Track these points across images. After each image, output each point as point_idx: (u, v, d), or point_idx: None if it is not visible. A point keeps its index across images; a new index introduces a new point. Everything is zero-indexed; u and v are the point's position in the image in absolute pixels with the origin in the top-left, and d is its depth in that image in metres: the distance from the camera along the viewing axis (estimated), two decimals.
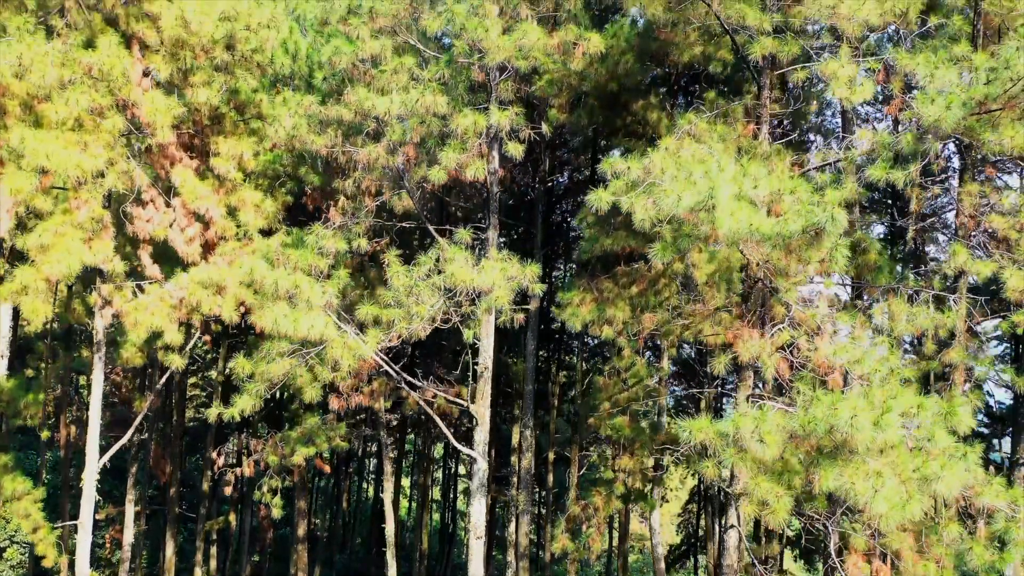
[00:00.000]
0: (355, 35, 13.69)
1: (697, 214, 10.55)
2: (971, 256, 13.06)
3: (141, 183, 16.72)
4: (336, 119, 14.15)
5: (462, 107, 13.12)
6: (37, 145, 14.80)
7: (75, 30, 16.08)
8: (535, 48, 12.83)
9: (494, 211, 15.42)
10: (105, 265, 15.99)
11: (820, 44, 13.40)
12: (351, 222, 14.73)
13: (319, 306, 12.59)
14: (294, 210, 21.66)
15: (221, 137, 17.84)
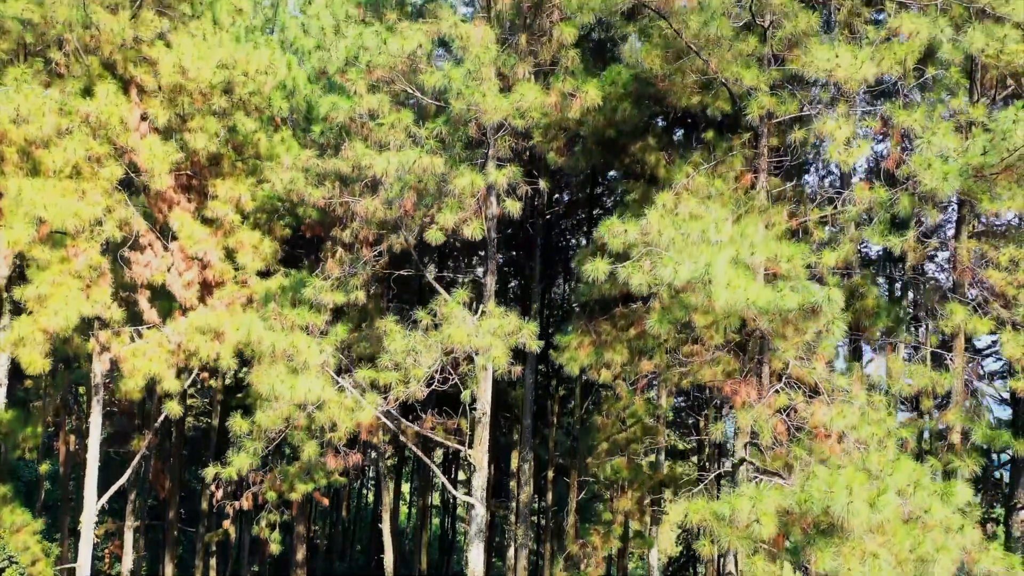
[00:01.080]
0: (352, 90, 13.66)
1: (694, 286, 10.54)
2: (969, 314, 13.06)
3: (139, 228, 16.71)
4: (334, 171, 14.14)
5: (459, 164, 13.10)
6: (35, 195, 14.79)
7: (73, 77, 16.05)
8: (532, 108, 12.82)
9: (492, 256, 15.42)
10: (103, 313, 15.99)
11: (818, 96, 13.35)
12: (349, 272, 14.72)
13: (316, 366, 12.59)
14: (293, 241, 21.67)
15: (219, 179, 17.84)
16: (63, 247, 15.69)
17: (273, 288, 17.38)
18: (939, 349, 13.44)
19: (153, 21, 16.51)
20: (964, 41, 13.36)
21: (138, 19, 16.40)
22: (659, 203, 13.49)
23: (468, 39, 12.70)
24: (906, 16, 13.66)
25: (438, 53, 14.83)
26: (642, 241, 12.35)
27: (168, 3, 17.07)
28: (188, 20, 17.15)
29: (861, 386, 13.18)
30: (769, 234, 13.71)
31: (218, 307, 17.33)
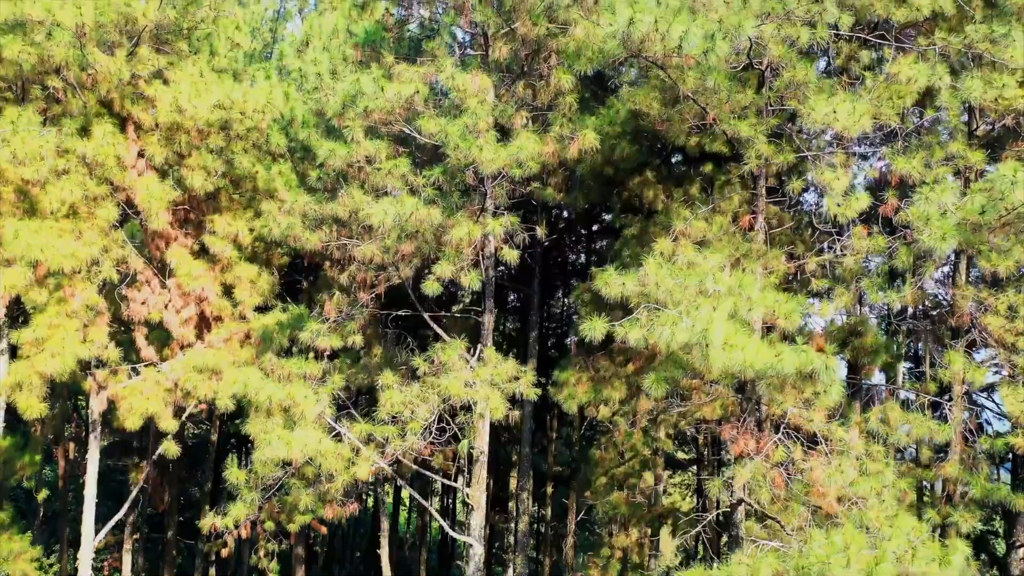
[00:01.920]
0: (350, 136, 13.62)
1: (691, 349, 10.52)
2: (968, 362, 13.03)
3: (136, 267, 16.68)
4: (331, 216, 14.11)
5: (456, 212, 13.07)
6: (31, 239, 14.75)
7: (70, 117, 16.01)
8: (530, 158, 12.80)
9: (490, 295, 15.39)
10: (100, 353, 15.97)
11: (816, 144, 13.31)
12: (347, 314, 14.70)
13: (313, 416, 12.57)
14: (292, 267, 21.64)
15: (217, 214, 17.80)
16: (60, 288, 15.66)
17: (271, 325, 17.33)
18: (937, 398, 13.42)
19: (150, 59, 16.48)
20: (963, 89, 13.33)
21: (135, 57, 16.36)
22: (657, 250, 13.45)
23: (465, 91, 12.67)
24: (904, 61, 13.62)
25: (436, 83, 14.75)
26: (640, 293, 12.32)
27: (165, 39, 17.04)
28: (185, 56, 17.11)
29: (859, 434, 13.17)
30: (767, 283, 13.70)
31: (216, 343, 17.30)
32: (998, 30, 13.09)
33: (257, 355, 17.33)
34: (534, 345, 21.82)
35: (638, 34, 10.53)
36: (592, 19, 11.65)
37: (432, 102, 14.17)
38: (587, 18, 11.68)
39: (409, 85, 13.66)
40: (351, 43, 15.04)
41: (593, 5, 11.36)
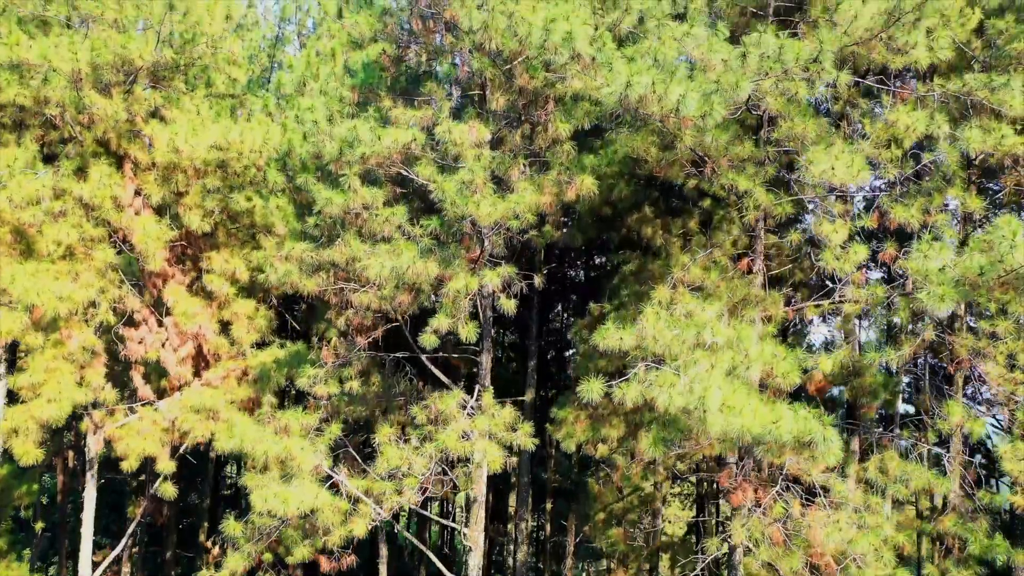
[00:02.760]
0: (347, 184, 13.58)
1: (689, 412, 10.49)
2: (967, 412, 13.00)
3: (133, 306, 16.64)
4: (328, 262, 14.07)
5: (453, 262, 13.03)
6: (27, 283, 14.71)
7: (67, 158, 15.97)
8: (527, 209, 12.76)
9: (488, 335, 15.34)
10: (97, 395, 15.93)
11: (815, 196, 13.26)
12: (345, 358, 14.66)
13: (310, 469, 12.54)
14: (290, 298, 21.58)
15: (214, 251, 17.76)
16: (56, 330, 15.62)
17: (268, 362, 17.29)
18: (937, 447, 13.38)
19: (147, 99, 16.45)
20: (961, 139, 13.30)
21: (132, 96, 16.32)
22: (655, 298, 13.42)
23: (462, 144, 12.63)
24: (902, 108, 13.60)
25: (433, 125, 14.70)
26: (637, 346, 12.30)
27: (162, 75, 16.99)
28: (182, 93, 17.07)
29: (857, 483, 13.13)
30: (766, 331, 13.66)
31: (214, 381, 17.26)
32: (997, 80, 13.06)
33: (255, 394, 17.31)
34: (532, 374, 21.79)
35: (635, 96, 10.49)
36: (590, 74, 11.60)
37: (430, 145, 14.12)
38: (585, 73, 11.63)
39: (406, 132, 13.62)
40: (348, 85, 14.98)
41: (590, 62, 11.29)
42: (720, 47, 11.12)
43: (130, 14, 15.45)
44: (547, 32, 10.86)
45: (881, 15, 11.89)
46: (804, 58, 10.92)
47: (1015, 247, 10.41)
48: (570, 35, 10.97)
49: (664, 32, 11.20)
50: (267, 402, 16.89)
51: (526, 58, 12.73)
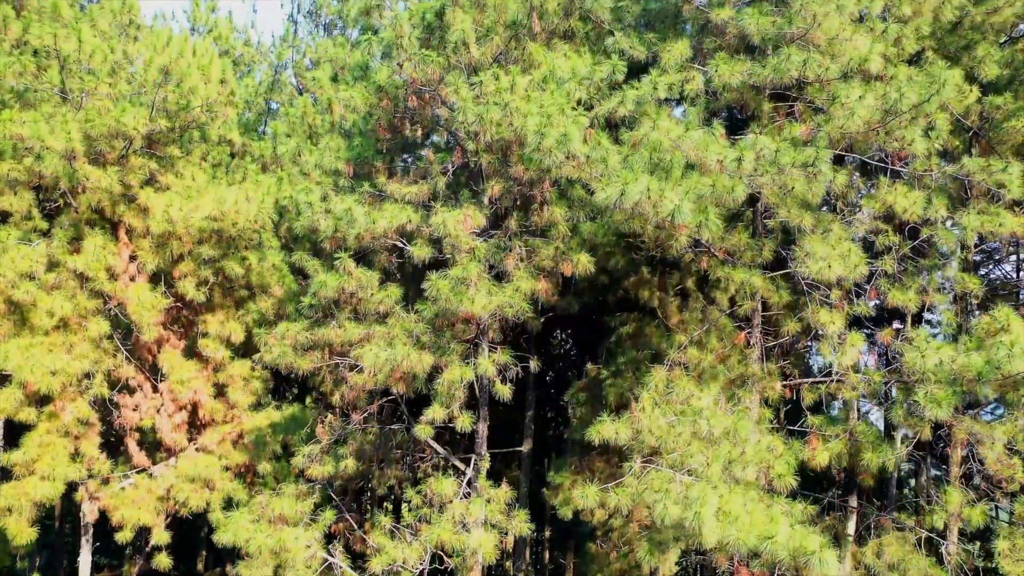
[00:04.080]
0: (341, 267, 13.51)
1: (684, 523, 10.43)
2: (965, 499, 12.93)
3: (127, 374, 16.56)
4: (324, 342, 14.00)
5: (449, 349, 12.96)
6: (21, 360, 14.63)
7: (61, 229, 15.89)
8: (523, 299, 12.70)
9: (484, 403, 15.26)
10: (92, 466, 15.86)
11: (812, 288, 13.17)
12: (341, 435, 14.59)
13: (303, 561, 12.48)
14: None
15: (209, 314, 17.68)
16: (51, 402, 15.54)
17: (264, 427, 17.23)
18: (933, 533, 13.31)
19: (142, 167, 16.37)
20: (960, 221, 13.23)
21: (126, 165, 16.24)
22: (651, 382, 13.34)
23: (458, 237, 12.55)
24: (900, 190, 13.52)
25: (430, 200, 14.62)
26: (634, 440, 12.24)
27: (157, 139, 16.91)
28: (177, 158, 16.99)
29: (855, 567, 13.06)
30: (763, 419, 13.59)
31: (209, 446, 17.19)
32: (995, 165, 12.99)
33: (250, 460, 17.24)
34: (530, 424, 21.68)
35: (630, 202, 10.41)
36: (585, 170, 11.54)
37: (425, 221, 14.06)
38: (580, 169, 11.56)
39: (401, 213, 13.57)
40: (343, 158, 14.90)
41: (586, 161, 11.23)
42: (716, 147, 11.04)
43: (124, 89, 15.36)
44: (541, 136, 10.78)
45: (878, 109, 11.81)
46: (800, 161, 10.85)
47: (1013, 356, 10.34)
48: (565, 137, 10.90)
49: (659, 126, 11.11)
50: (263, 469, 16.81)
51: (521, 147, 12.65)
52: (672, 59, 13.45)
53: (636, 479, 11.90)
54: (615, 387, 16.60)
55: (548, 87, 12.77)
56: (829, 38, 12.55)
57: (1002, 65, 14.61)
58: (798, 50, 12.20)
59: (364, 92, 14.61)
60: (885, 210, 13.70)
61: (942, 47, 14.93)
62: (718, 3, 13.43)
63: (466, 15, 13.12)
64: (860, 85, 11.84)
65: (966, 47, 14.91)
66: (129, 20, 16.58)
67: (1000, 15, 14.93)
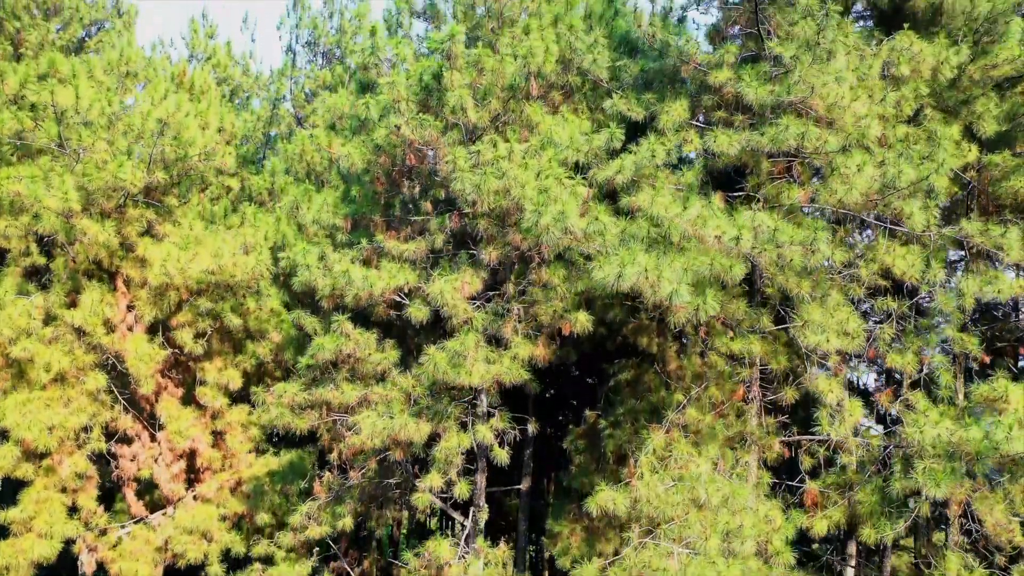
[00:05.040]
0: (339, 330, 13.48)
1: None
2: (963, 563, 12.91)
3: (125, 425, 16.54)
4: (321, 402, 13.98)
5: (446, 415, 12.95)
6: (18, 418, 14.61)
7: (59, 283, 15.86)
8: (520, 367, 12.68)
9: (483, 467, 15.18)
10: (89, 519, 15.84)
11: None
12: (338, 493, 14.58)
13: None
14: None
15: (207, 361, 17.65)
16: (48, 455, 15.50)
17: (262, 476, 17.21)
18: None
19: (139, 219, 16.34)
20: (959, 285, 13.22)
21: (124, 218, 16.21)
22: (650, 445, 13.32)
23: (455, 307, 12.53)
24: (899, 252, 13.51)
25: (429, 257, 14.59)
26: (632, 509, 12.23)
27: (155, 187, 16.87)
28: (175, 207, 16.97)
29: None
30: (761, 483, 13.57)
31: (207, 494, 17.16)
32: (995, 230, 12.98)
33: (249, 510, 17.21)
34: (529, 462, 21.66)
35: (627, 283, 10.39)
36: (585, 244, 11.52)
37: (423, 278, 14.04)
38: (578, 242, 11.53)
39: (398, 275, 13.56)
40: (341, 214, 14.87)
41: (584, 236, 11.20)
42: (714, 221, 11.00)
43: (120, 144, 15.33)
44: (539, 214, 10.75)
45: (877, 179, 11.79)
46: (799, 240, 10.83)
47: (1012, 438, 10.32)
48: (562, 214, 10.87)
49: (657, 202, 11.08)
50: (261, 520, 16.79)
51: (519, 212, 12.61)
52: (670, 121, 13.44)
53: (635, 551, 11.90)
54: (614, 438, 16.58)
55: (546, 153, 12.75)
56: (827, 104, 12.53)
57: (1001, 121, 14.59)
58: (796, 121, 12.18)
59: (362, 148, 14.57)
60: (883, 270, 13.70)
61: (940, 101, 14.91)
62: (716, 64, 13.40)
63: (464, 77, 13.09)
64: (859, 153, 11.81)
65: (965, 101, 14.88)
66: (127, 71, 16.55)
67: (999, 70, 14.91)
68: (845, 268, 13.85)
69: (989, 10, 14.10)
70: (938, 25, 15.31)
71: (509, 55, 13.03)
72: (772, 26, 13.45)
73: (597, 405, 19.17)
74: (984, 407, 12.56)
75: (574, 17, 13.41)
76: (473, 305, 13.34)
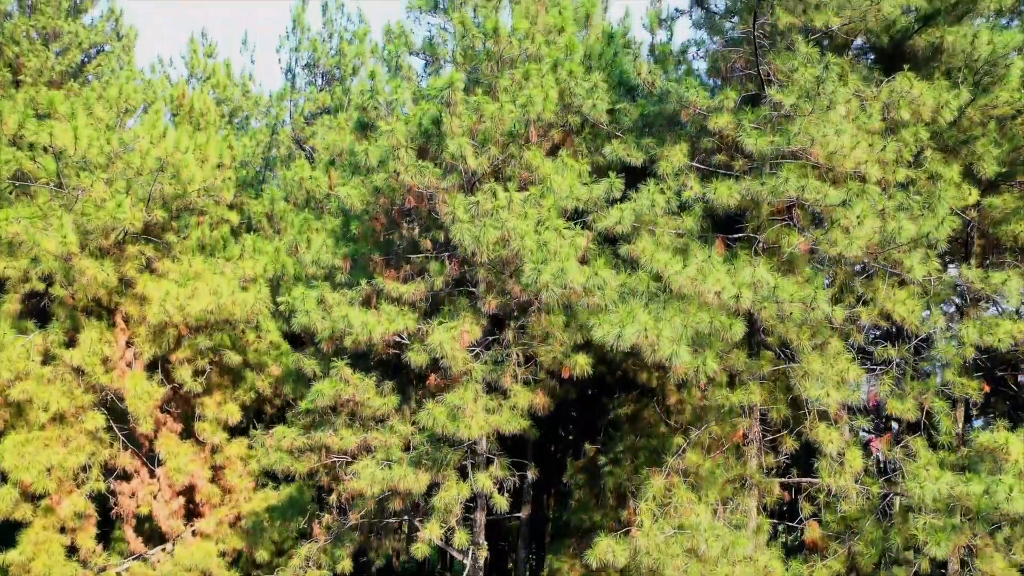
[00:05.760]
0: (338, 375, 13.47)
1: None
2: None
3: (124, 463, 16.51)
4: (320, 445, 13.97)
5: (445, 462, 12.93)
6: (16, 460, 14.59)
7: (57, 322, 15.84)
8: (520, 415, 12.67)
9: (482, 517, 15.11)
10: (88, 559, 15.81)
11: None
12: (338, 534, 14.56)
13: None
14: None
15: (207, 396, 17.63)
16: (47, 496, 15.47)
17: (261, 512, 17.18)
18: None
19: (138, 255, 16.32)
20: (959, 332, 13.19)
21: (123, 256, 16.18)
22: (649, 492, 13.30)
23: (455, 358, 12.50)
24: (898, 296, 13.50)
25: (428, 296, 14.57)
26: (632, 560, 12.21)
27: (154, 223, 16.84)
28: (174, 245, 16.94)
29: None
30: (761, 529, 13.55)
31: (207, 530, 17.13)
32: (995, 277, 12.95)
33: (248, 546, 17.20)
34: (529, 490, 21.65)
35: (627, 343, 10.38)
36: (584, 299, 11.50)
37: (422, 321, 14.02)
38: (578, 297, 11.52)
39: (397, 321, 13.53)
40: (340, 254, 14.85)
41: (583, 291, 11.19)
42: (713, 277, 10.98)
43: (120, 185, 15.30)
44: (538, 272, 10.73)
45: (877, 231, 11.77)
46: (799, 298, 10.81)
47: (1012, 498, 10.31)
48: (562, 271, 10.85)
49: (657, 259, 11.07)
50: (260, 558, 16.78)
51: (518, 259, 12.60)
52: (670, 167, 13.43)
53: None
54: (613, 476, 16.59)
55: (545, 201, 12.73)
56: (828, 152, 12.51)
57: (1000, 163, 14.57)
58: (796, 172, 12.17)
59: (360, 188, 14.56)
60: (883, 314, 13.69)
61: (940, 141, 14.89)
62: (716, 109, 13.38)
63: (463, 124, 13.06)
64: (859, 204, 11.77)
65: (965, 141, 14.87)
66: (126, 108, 16.52)
67: (999, 110, 14.90)
68: (846, 320, 13.84)
69: (990, 53, 14.07)
70: (938, 62, 15.30)
71: (509, 102, 13.00)
72: (772, 70, 13.43)
73: (597, 438, 19.16)
74: (984, 456, 12.56)
75: (573, 63, 13.37)
76: (472, 352, 13.32)
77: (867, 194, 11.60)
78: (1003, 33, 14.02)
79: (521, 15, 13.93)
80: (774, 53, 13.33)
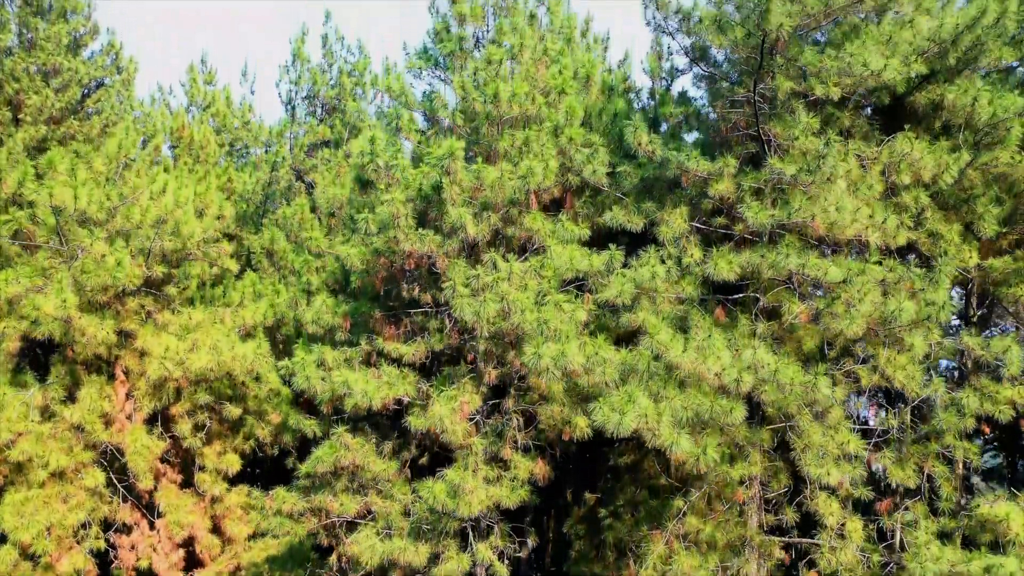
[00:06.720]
0: (338, 442, 13.47)
1: None
2: None
3: (124, 517, 16.51)
4: (320, 508, 13.97)
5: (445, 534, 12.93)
6: (16, 522, 14.59)
7: (57, 379, 15.83)
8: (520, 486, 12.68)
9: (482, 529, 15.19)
10: None
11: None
12: None
13: None
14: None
15: (206, 446, 17.62)
16: (46, 554, 15.46)
17: (261, 562, 17.18)
18: None
19: (138, 310, 16.31)
20: (959, 399, 13.20)
21: (123, 307, 16.17)
22: (650, 561, 13.30)
23: (454, 432, 12.49)
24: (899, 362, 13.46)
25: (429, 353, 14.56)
26: None
27: (153, 279, 16.82)
28: (174, 298, 16.93)
29: None
30: None
31: None
32: (995, 345, 12.96)
33: None
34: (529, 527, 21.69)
35: (627, 430, 10.38)
36: (584, 379, 11.51)
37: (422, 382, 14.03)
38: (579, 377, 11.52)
39: (397, 385, 13.53)
40: (340, 313, 14.84)
41: (584, 371, 11.18)
42: (714, 358, 10.97)
43: (119, 244, 15.29)
44: (538, 357, 10.72)
45: (878, 307, 11.76)
46: (800, 382, 10.81)
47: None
48: (562, 353, 10.84)
49: (658, 341, 11.05)
50: None
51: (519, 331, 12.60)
52: (670, 232, 13.43)
53: None
54: (614, 530, 16.58)
55: (545, 271, 12.72)
56: (828, 223, 12.50)
57: (1001, 223, 14.56)
58: (796, 248, 12.17)
59: (361, 249, 14.54)
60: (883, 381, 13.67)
61: (940, 199, 14.88)
62: (716, 175, 13.37)
63: (463, 193, 13.06)
64: (860, 281, 11.76)
65: (966, 200, 14.86)
66: (125, 162, 16.51)
67: (998, 169, 14.88)
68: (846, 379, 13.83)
69: (990, 115, 14.04)
70: (939, 118, 15.29)
71: (509, 170, 12.99)
72: (772, 135, 13.41)
73: (597, 485, 19.16)
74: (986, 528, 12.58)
75: (574, 129, 13.36)
76: (472, 421, 13.32)
77: (868, 273, 11.57)
78: (1004, 97, 13.99)
79: (521, 78, 13.91)
80: (775, 119, 13.32)
